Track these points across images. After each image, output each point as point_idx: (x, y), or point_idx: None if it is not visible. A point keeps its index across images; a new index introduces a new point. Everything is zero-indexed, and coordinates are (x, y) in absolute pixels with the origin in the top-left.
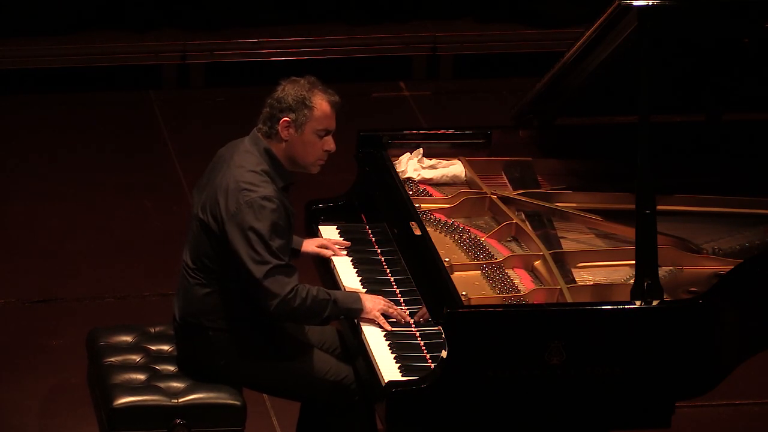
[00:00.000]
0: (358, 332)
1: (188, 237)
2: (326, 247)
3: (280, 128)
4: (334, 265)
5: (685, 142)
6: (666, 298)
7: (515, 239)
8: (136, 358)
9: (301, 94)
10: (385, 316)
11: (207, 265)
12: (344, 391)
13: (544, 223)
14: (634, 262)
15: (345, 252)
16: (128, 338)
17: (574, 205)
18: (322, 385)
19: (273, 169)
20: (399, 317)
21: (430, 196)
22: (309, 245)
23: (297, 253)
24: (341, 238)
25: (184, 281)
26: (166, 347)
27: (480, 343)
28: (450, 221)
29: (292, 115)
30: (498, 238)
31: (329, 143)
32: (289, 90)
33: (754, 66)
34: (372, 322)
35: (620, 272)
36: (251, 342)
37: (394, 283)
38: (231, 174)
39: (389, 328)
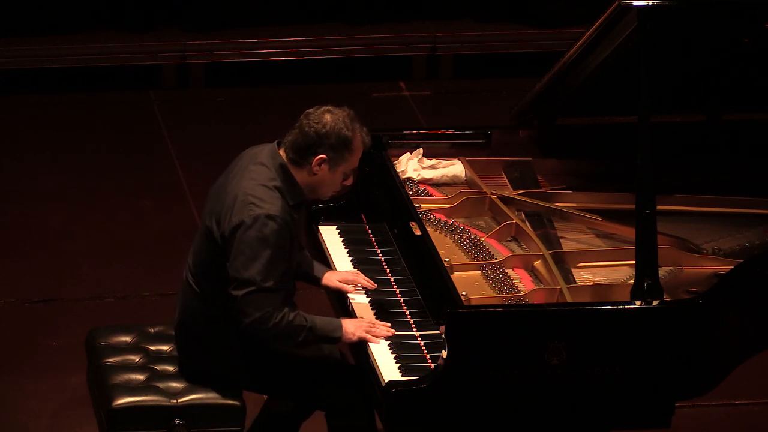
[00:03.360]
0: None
1: (194, 240)
2: (348, 282)
3: (313, 163)
4: (334, 265)
5: (685, 142)
6: (666, 298)
7: (515, 239)
8: (136, 358)
9: (344, 134)
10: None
11: (205, 271)
12: (344, 393)
13: (544, 223)
14: (634, 262)
15: (364, 292)
16: (127, 338)
17: (574, 205)
18: (322, 386)
19: (286, 186)
20: (384, 333)
21: (430, 196)
22: (331, 279)
23: (317, 281)
24: (342, 239)
25: (185, 286)
26: (165, 347)
27: (480, 343)
28: (450, 221)
29: (330, 154)
30: (498, 238)
31: (351, 180)
32: (330, 124)
33: (754, 66)
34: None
35: (620, 272)
36: (249, 345)
37: (394, 283)
38: (242, 185)
39: (377, 341)
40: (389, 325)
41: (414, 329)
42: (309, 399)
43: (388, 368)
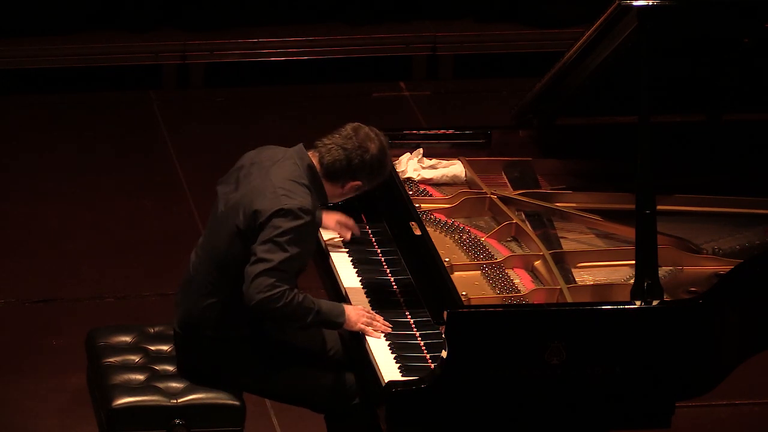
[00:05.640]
0: (358, 332)
1: (206, 236)
2: (341, 224)
3: (347, 186)
4: (333, 265)
5: (685, 142)
6: (666, 298)
7: (515, 239)
8: (136, 358)
9: (384, 167)
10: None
11: (221, 263)
12: (344, 395)
13: (544, 223)
14: (634, 262)
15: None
16: (127, 338)
17: (574, 205)
18: (322, 391)
19: (313, 186)
20: (382, 329)
21: (430, 196)
22: (329, 220)
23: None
24: (342, 239)
25: (195, 285)
26: (165, 347)
27: (480, 343)
28: (450, 221)
29: (365, 182)
30: (498, 238)
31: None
32: (376, 156)
33: (754, 66)
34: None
35: (620, 272)
36: (250, 349)
37: (394, 283)
38: (269, 180)
39: (377, 336)
40: (390, 327)
41: (414, 329)
42: (308, 401)
43: (388, 368)
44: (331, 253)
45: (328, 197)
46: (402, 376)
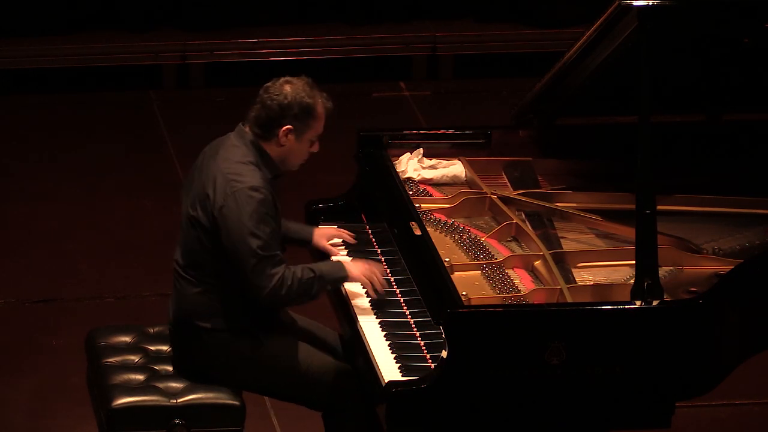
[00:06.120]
0: (358, 332)
1: (180, 237)
2: (332, 237)
3: (280, 135)
4: None
5: (685, 142)
6: (666, 298)
7: (515, 239)
8: (135, 358)
9: (306, 102)
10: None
11: (198, 262)
12: (342, 392)
13: (544, 223)
14: (634, 262)
15: (345, 251)
16: (127, 338)
17: (574, 205)
18: (319, 386)
19: (261, 160)
20: (381, 287)
21: (430, 196)
22: (320, 239)
23: (308, 244)
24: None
25: (176, 283)
26: (164, 347)
27: (480, 343)
28: (450, 221)
29: (296, 124)
30: (498, 238)
31: (316, 146)
32: (291, 94)
33: (754, 66)
34: (370, 321)
35: (620, 272)
36: (246, 343)
37: (394, 283)
38: (217, 167)
39: (373, 295)
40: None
41: (414, 329)
42: (306, 398)
43: (388, 368)
44: (330, 254)
45: (278, 162)
46: (402, 376)
